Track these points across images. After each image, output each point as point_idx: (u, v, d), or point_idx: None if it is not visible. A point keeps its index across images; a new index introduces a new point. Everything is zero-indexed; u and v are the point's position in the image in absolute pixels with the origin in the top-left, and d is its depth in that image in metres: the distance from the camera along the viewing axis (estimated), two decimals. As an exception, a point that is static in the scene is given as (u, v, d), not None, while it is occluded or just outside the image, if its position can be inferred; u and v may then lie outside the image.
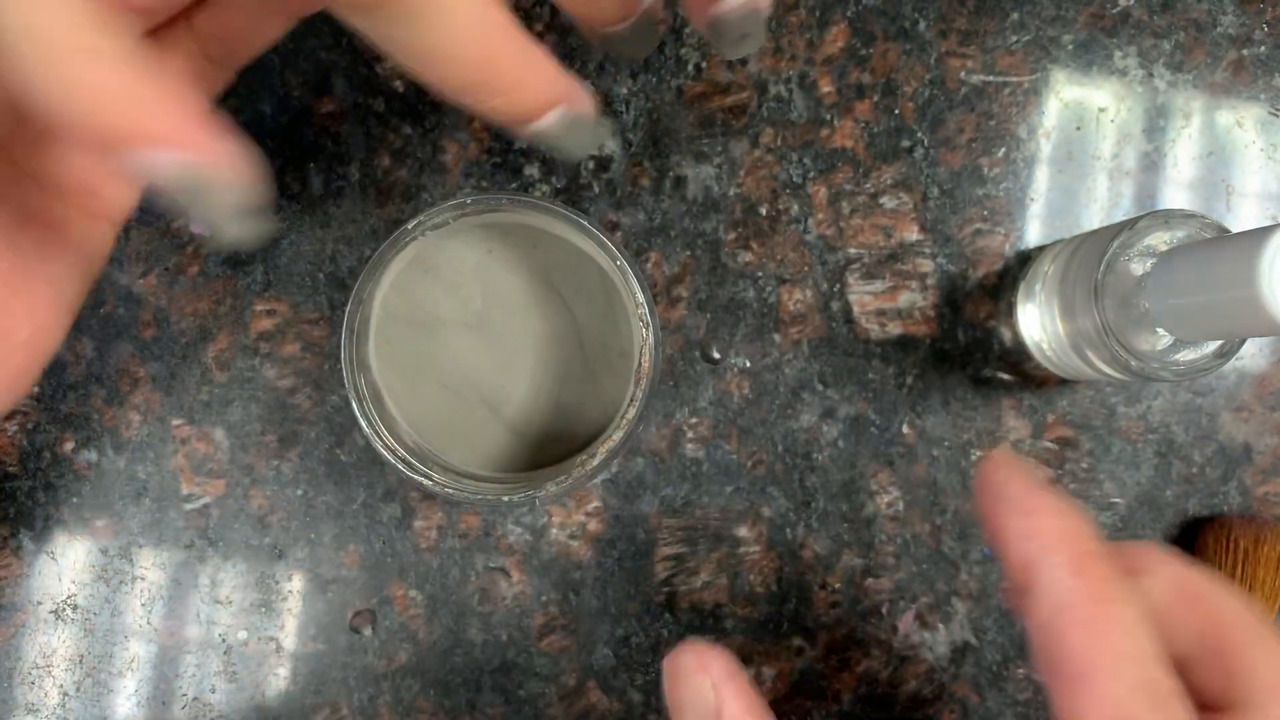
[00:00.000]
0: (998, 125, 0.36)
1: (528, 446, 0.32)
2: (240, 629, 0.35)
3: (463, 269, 0.31)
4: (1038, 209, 0.36)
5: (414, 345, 0.31)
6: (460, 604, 0.35)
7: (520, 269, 0.31)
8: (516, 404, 0.31)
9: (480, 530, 0.35)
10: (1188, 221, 0.29)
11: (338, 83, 0.35)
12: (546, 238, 0.31)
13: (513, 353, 0.31)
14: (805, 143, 0.35)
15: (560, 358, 0.31)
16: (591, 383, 0.31)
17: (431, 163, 0.35)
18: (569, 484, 0.28)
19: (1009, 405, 0.35)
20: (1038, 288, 0.34)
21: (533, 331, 0.31)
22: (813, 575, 0.35)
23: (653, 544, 0.35)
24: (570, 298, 0.31)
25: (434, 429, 0.31)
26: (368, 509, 0.35)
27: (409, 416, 0.31)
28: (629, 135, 0.35)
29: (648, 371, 0.28)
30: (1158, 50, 0.36)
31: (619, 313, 0.31)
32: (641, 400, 0.28)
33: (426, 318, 0.31)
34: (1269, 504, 0.36)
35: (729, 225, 0.35)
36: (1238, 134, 0.36)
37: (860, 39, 0.36)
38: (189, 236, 0.35)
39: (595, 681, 0.35)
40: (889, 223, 0.35)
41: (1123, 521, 0.35)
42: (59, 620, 0.35)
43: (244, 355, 0.35)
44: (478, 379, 0.31)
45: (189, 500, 0.35)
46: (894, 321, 0.35)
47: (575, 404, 0.31)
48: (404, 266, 0.30)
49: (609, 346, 0.31)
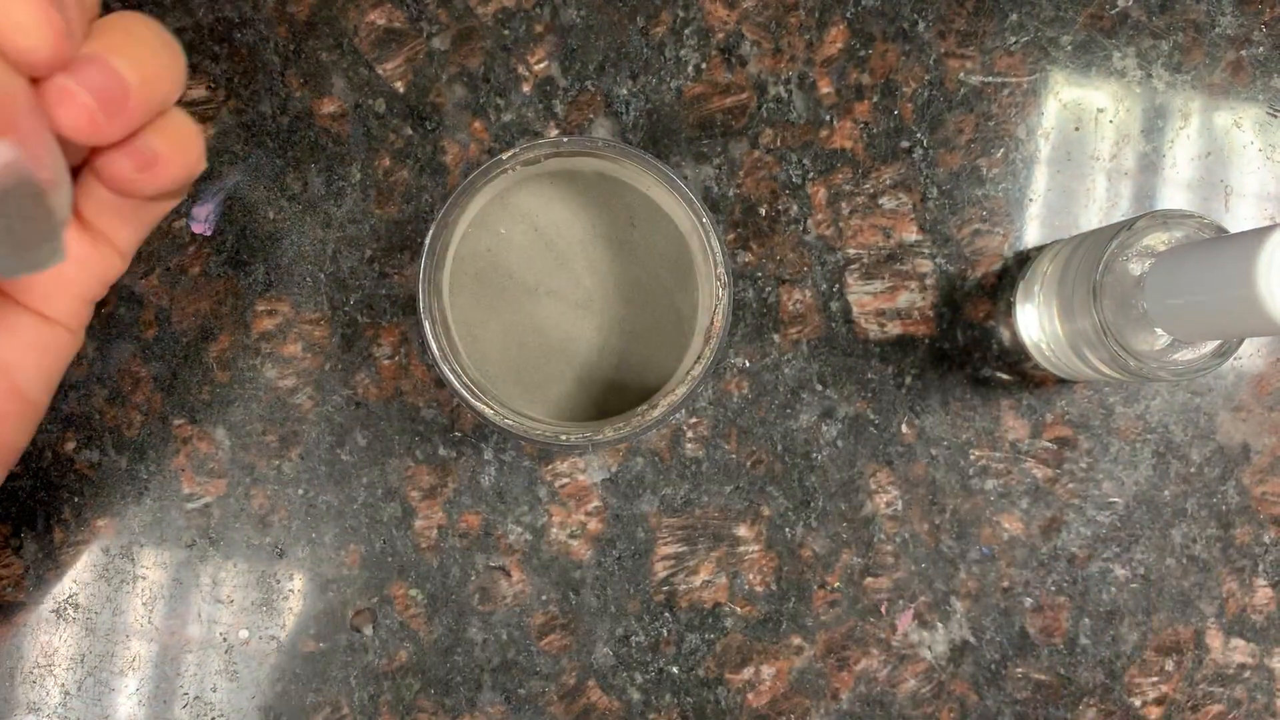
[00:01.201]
0: (997, 126, 0.36)
1: (589, 396, 0.32)
2: (241, 628, 0.35)
3: (541, 213, 0.31)
4: (1036, 209, 0.36)
5: (486, 282, 0.31)
6: (460, 603, 0.35)
7: (599, 220, 0.31)
8: (582, 353, 0.32)
9: (480, 529, 0.35)
10: (1186, 222, 0.29)
11: (338, 83, 0.35)
12: (628, 191, 0.31)
13: (582, 302, 0.31)
14: (805, 143, 0.35)
15: (628, 312, 0.32)
16: (656, 339, 0.32)
17: (432, 163, 0.35)
18: (627, 431, 0.28)
19: (1008, 405, 0.35)
20: (1036, 288, 0.34)
21: (604, 283, 0.31)
22: (812, 574, 0.35)
23: (652, 543, 0.35)
24: (644, 253, 0.31)
25: (497, 366, 0.31)
26: (368, 508, 0.35)
27: (473, 351, 0.31)
28: (629, 136, 0.35)
29: (719, 331, 0.29)
30: (1156, 51, 0.36)
31: (689, 272, 0.31)
32: (709, 359, 0.29)
33: (501, 257, 0.31)
34: (1267, 503, 0.36)
35: (729, 225, 0.35)
36: (1236, 134, 0.36)
37: (859, 40, 0.36)
38: (190, 236, 0.35)
39: (595, 680, 0.35)
40: (888, 223, 0.36)
41: (1121, 521, 0.36)
42: (60, 619, 0.35)
43: (245, 355, 0.35)
44: (544, 323, 0.31)
45: (190, 500, 0.35)
46: (893, 321, 0.36)
47: (639, 360, 0.32)
48: (488, 200, 0.30)
49: (678, 306, 0.31)
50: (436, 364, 0.28)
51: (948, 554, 0.35)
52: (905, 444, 0.35)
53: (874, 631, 0.35)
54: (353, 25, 0.35)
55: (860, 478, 0.35)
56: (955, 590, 0.35)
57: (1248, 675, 0.36)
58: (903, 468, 0.35)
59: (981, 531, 0.35)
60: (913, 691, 0.35)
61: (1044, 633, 0.35)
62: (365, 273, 0.35)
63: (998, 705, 0.35)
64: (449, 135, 0.35)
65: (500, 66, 0.35)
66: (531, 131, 0.35)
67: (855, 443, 0.35)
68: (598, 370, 0.32)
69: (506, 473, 0.35)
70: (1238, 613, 0.36)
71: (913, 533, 0.35)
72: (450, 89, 0.35)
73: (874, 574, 0.35)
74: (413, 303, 0.35)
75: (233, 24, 0.35)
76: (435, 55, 0.35)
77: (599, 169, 0.30)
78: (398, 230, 0.35)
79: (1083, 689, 0.35)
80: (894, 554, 0.35)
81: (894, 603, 0.35)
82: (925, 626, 0.35)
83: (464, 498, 0.35)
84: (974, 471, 0.35)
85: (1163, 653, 0.36)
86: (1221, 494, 0.36)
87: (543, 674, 0.35)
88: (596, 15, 0.35)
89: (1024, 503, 0.35)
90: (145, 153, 0.20)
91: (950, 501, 0.35)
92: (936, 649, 0.35)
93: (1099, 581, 0.35)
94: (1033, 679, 0.35)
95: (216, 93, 0.35)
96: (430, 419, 0.35)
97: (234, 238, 0.35)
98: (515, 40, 0.35)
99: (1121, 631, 0.35)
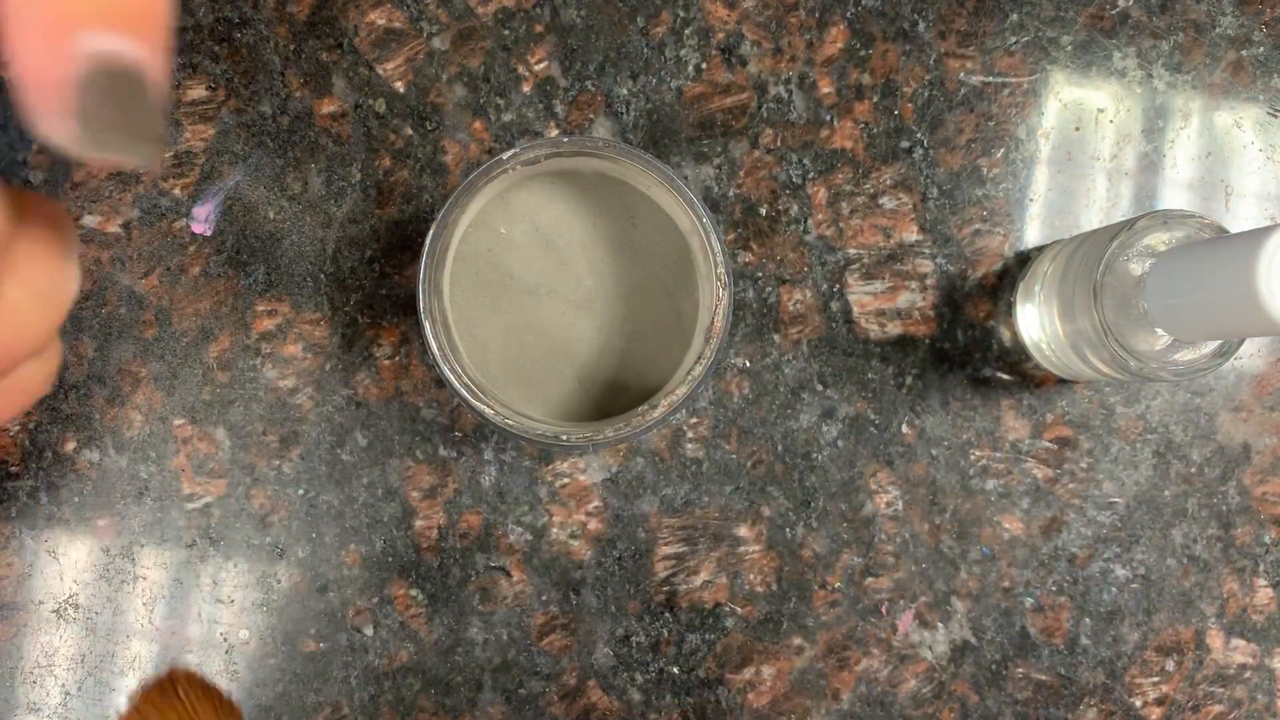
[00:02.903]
0: (997, 126, 0.36)
1: (589, 396, 0.32)
2: (241, 628, 0.35)
3: (541, 213, 0.31)
4: (1037, 209, 0.36)
5: (487, 282, 0.31)
6: (461, 603, 0.35)
7: (599, 220, 0.31)
8: (583, 353, 0.32)
9: (481, 529, 0.35)
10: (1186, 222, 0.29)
11: (339, 83, 0.35)
12: (629, 191, 0.31)
13: (582, 302, 0.31)
14: (805, 143, 0.35)
15: (629, 312, 0.32)
16: (657, 339, 0.32)
17: (432, 163, 0.35)
18: (627, 431, 0.28)
19: (1008, 405, 0.35)
20: (1037, 288, 0.34)
21: (604, 283, 0.31)
22: (812, 574, 0.35)
23: (653, 543, 0.35)
24: (645, 253, 0.31)
25: (497, 366, 0.31)
26: (369, 508, 0.35)
27: (473, 351, 0.31)
28: (629, 136, 0.35)
29: (719, 331, 0.29)
30: (1156, 51, 0.36)
31: (690, 272, 0.31)
32: (709, 359, 0.29)
33: (502, 257, 0.31)
34: (1268, 504, 0.36)
35: (729, 225, 0.35)
36: (1236, 134, 0.36)
37: (860, 40, 0.36)
38: (191, 236, 0.35)
39: (595, 680, 0.35)
40: (888, 223, 0.36)
41: (1121, 521, 0.36)
42: (61, 619, 0.35)
43: (245, 355, 0.35)
44: (544, 323, 0.31)
45: (190, 500, 0.35)
46: (893, 321, 0.36)
47: (639, 360, 0.32)
48: (489, 200, 0.30)
49: (678, 306, 0.31)
50: (437, 364, 0.28)
51: (948, 554, 0.35)
52: (906, 444, 0.35)
53: (875, 632, 0.35)
54: (353, 25, 0.35)
55: (860, 478, 0.35)
56: (956, 590, 0.35)
57: (1248, 675, 0.36)
58: (903, 468, 0.35)
59: (982, 531, 0.35)
60: (913, 692, 0.35)
61: (1045, 633, 0.35)
62: (365, 273, 0.35)
63: (998, 705, 0.35)
64: (449, 135, 0.35)
65: (500, 66, 0.35)
66: (532, 131, 0.35)
67: (855, 443, 0.35)
68: (598, 370, 0.32)
69: (507, 473, 0.35)
70: (1238, 613, 0.36)
71: (913, 533, 0.35)
72: (450, 89, 0.35)
73: (874, 574, 0.35)
74: (413, 303, 0.35)
75: (233, 24, 0.35)
76: (435, 55, 0.35)
77: (599, 169, 0.30)
78: (398, 230, 0.35)
79: (1083, 689, 0.35)
80: (894, 554, 0.35)
81: (894, 603, 0.35)
82: (926, 626, 0.35)
83: (464, 498, 0.35)
84: (974, 471, 0.35)
85: (1163, 653, 0.36)
86: (1222, 494, 0.36)
87: (543, 674, 0.35)
88: (596, 15, 0.35)
89: (1024, 503, 0.35)
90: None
91: (951, 501, 0.35)
92: (937, 649, 0.35)
93: (1099, 582, 0.35)
94: (1033, 679, 0.35)
95: (216, 93, 0.35)
96: (430, 419, 0.35)
97: (234, 238, 0.35)
98: (515, 40, 0.35)
99: (1122, 632, 0.35)
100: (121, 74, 0.17)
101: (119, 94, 0.17)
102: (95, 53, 0.17)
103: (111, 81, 0.17)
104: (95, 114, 0.17)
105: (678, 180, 0.28)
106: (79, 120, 0.17)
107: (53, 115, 0.17)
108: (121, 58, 0.17)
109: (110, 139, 0.18)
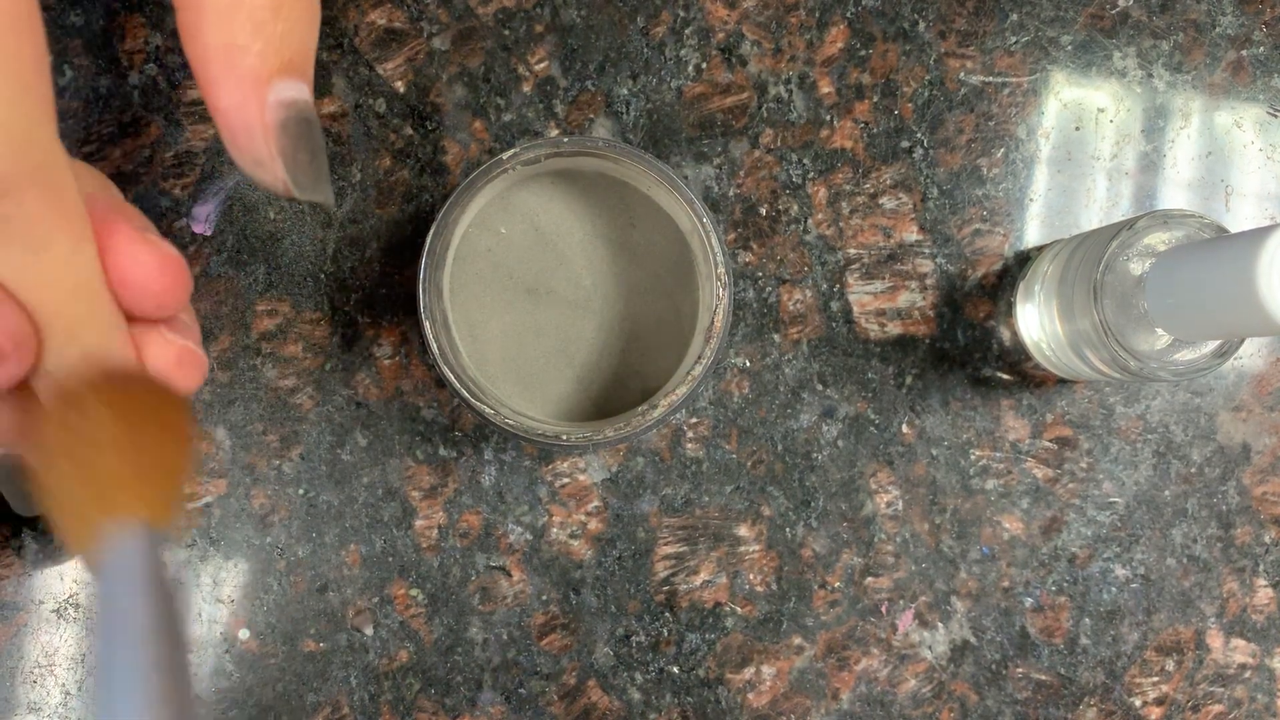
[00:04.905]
0: (997, 126, 0.36)
1: (589, 396, 0.32)
2: (241, 628, 0.35)
3: (541, 213, 0.31)
4: (1037, 209, 0.36)
5: (487, 282, 0.31)
6: (461, 603, 0.35)
7: (599, 220, 0.31)
8: (582, 353, 0.32)
9: (481, 529, 0.35)
10: (1186, 221, 0.29)
11: (339, 83, 0.35)
12: (629, 191, 0.31)
13: (582, 302, 0.31)
14: (805, 143, 0.35)
15: (629, 312, 0.32)
16: (657, 339, 0.32)
17: (432, 163, 0.35)
18: (627, 431, 0.28)
19: (1008, 405, 0.35)
20: (1037, 288, 0.34)
21: (604, 283, 0.31)
22: (812, 574, 0.35)
23: (653, 543, 0.35)
24: (645, 253, 0.31)
25: (497, 366, 0.31)
26: (369, 508, 0.35)
27: (473, 351, 0.31)
28: (629, 136, 0.35)
29: (719, 331, 0.29)
30: (1157, 51, 0.36)
31: (689, 272, 0.31)
32: (709, 359, 0.29)
33: (502, 257, 0.31)
34: (1268, 504, 0.36)
35: (729, 225, 0.35)
36: (1236, 134, 0.36)
37: (860, 40, 0.36)
38: (191, 236, 0.35)
39: (595, 680, 0.35)
40: (888, 223, 0.36)
41: (1122, 521, 0.36)
42: (61, 619, 0.35)
43: (245, 355, 0.35)
44: (544, 323, 0.31)
45: (190, 499, 0.35)
46: (893, 321, 0.36)
47: (639, 360, 0.32)
48: (489, 200, 0.30)
49: (678, 306, 0.31)
50: (437, 364, 0.28)
51: (948, 554, 0.35)
52: (905, 444, 0.35)
53: (874, 631, 0.35)
54: (353, 25, 0.35)
55: (860, 478, 0.35)
56: (956, 590, 0.35)
57: (1248, 675, 0.36)
58: (903, 468, 0.35)
59: (982, 531, 0.35)
60: (913, 691, 0.35)
61: (1044, 633, 0.35)
62: (365, 273, 0.35)
63: (998, 705, 0.35)
64: (449, 135, 0.35)
65: (500, 66, 0.35)
66: (532, 131, 0.35)
67: (855, 443, 0.35)
68: (598, 370, 0.32)
69: (507, 473, 0.35)
70: (1238, 613, 0.36)
71: (913, 533, 0.35)
72: (450, 89, 0.35)
73: (874, 574, 0.35)
74: (413, 303, 0.35)
75: (233, 24, 0.35)
76: (435, 55, 0.35)
77: (599, 169, 0.30)
78: (398, 230, 0.35)
79: (1083, 689, 0.35)
80: (894, 554, 0.35)
81: (894, 603, 0.35)
82: (926, 626, 0.35)
83: (464, 498, 0.35)
84: (974, 471, 0.35)
85: (1163, 653, 0.36)
86: (1222, 494, 0.36)
87: (543, 674, 0.35)
88: (596, 15, 0.35)
89: (1024, 503, 0.35)
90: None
91: (951, 501, 0.35)
92: (937, 649, 0.35)
93: (1099, 581, 0.35)
94: (1033, 679, 0.35)
95: (217, 93, 0.35)
96: (430, 419, 0.35)
97: (234, 238, 0.35)
98: (515, 40, 0.35)
99: (1122, 631, 0.35)
100: (305, 118, 0.19)
101: (305, 135, 0.19)
102: (287, 100, 0.19)
103: (300, 125, 0.19)
104: (292, 155, 0.19)
105: (678, 180, 0.28)
106: (283, 162, 0.19)
107: (264, 160, 0.19)
108: (305, 103, 0.19)
109: (304, 179, 0.20)
